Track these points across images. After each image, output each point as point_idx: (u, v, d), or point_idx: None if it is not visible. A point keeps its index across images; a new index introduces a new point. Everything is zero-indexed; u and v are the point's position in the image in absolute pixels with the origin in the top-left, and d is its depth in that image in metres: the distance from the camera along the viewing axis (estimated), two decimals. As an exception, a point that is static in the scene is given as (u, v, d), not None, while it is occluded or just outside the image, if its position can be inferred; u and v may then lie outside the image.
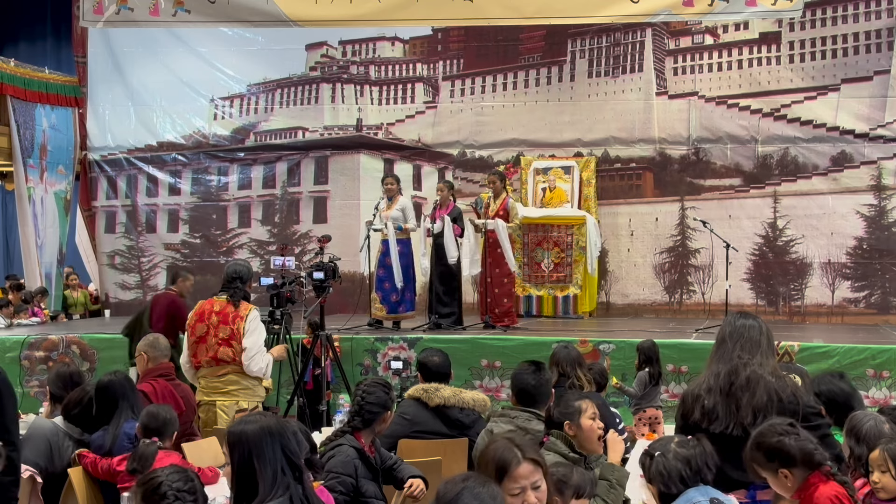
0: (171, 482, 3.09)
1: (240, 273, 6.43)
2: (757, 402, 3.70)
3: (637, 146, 12.14)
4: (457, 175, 12.46)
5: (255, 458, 3.15)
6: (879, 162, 11.45)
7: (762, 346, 3.87)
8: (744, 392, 3.75)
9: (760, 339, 3.88)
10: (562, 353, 5.55)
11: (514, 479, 2.90)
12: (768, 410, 3.66)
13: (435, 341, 8.59)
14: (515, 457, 2.93)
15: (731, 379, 3.81)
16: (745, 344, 3.88)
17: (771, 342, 3.92)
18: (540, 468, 2.98)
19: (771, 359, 3.86)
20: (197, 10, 12.62)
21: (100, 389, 5.04)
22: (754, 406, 3.70)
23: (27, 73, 12.20)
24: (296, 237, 12.92)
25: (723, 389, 3.81)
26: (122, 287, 13.19)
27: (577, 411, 4.16)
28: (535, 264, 11.35)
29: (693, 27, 12.03)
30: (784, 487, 3.34)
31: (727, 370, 3.85)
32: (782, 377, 3.79)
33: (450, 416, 5.33)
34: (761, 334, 3.89)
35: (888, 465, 3.49)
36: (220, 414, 6.32)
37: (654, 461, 3.31)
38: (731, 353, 3.89)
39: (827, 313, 11.55)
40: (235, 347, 6.30)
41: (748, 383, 3.76)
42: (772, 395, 3.70)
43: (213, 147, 13.18)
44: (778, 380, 3.75)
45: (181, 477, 3.12)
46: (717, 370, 3.88)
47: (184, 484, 3.10)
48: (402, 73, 12.96)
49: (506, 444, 3.00)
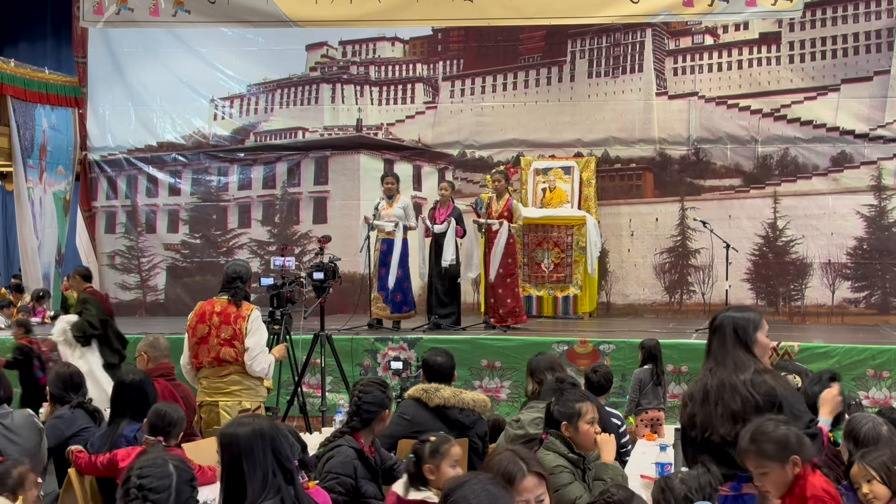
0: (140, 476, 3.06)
1: (239, 273, 6.39)
2: (734, 409, 3.71)
3: (637, 146, 12.14)
4: (457, 175, 12.46)
5: (244, 460, 3.14)
6: (879, 162, 11.45)
7: (731, 344, 3.84)
8: (717, 401, 3.76)
9: (728, 339, 3.86)
10: (534, 362, 5.56)
11: (519, 493, 2.90)
12: (746, 413, 3.67)
13: (435, 341, 8.59)
14: (521, 470, 2.93)
15: (706, 388, 3.83)
16: (718, 347, 3.89)
17: (744, 336, 3.85)
18: (544, 482, 2.98)
19: (744, 354, 3.81)
20: (197, 10, 12.62)
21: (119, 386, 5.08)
22: (732, 412, 3.71)
23: (27, 73, 12.19)
24: (296, 237, 12.92)
25: (696, 397, 3.86)
26: (122, 287, 13.19)
27: (576, 414, 4.16)
28: (535, 264, 11.35)
29: (693, 27, 12.03)
30: (778, 483, 3.36)
31: (700, 383, 3.89)
32: (760, 372, 3.76)
33: (450, 417, 5.32)
34: (733, 331, 3.86)
35: (872, 474, 3.51)
36: (222, 414, 6.32)
37: (658, 485, 3.39)
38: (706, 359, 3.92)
39: (827, 313, 11.55)
40: (238, 348, 6.27)
41: (719, 392, 3.77)
42: (746, 398, 3.70)
43: (213, 147, 13.18)
44: (755, 375, 3.74)
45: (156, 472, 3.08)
46: (699, 377, 3.93)
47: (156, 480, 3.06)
48: (402, 74, 12.96)
49: (511, 456, 3.00)
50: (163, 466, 3.11)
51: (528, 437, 4.69)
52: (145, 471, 3.07)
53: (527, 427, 4.74)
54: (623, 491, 3.28)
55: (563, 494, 3.92)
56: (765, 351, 3.92)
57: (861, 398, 7.88)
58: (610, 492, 3.24)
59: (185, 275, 13.10)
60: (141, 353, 6.14)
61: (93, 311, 8.59)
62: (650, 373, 6.97)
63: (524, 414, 4.93)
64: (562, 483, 3.95)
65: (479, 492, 2.47)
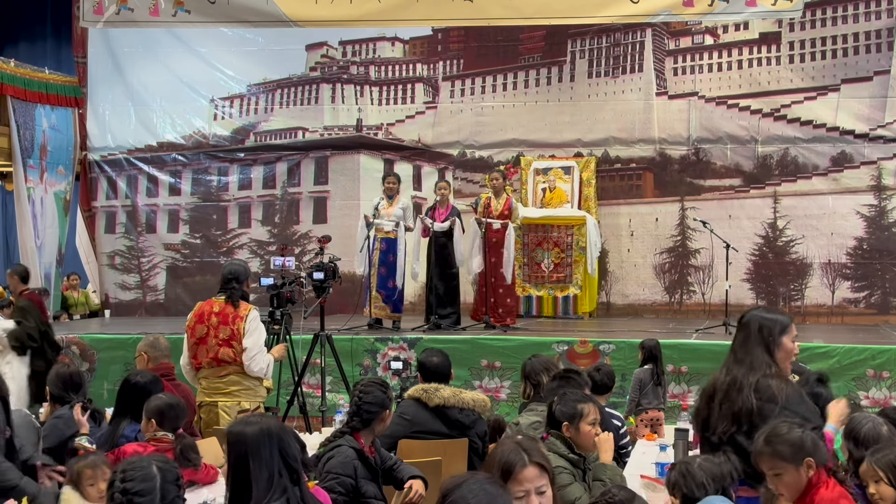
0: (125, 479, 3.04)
1: (236, 273, 6.40)
2: (734, 410, 3.71)
3: (637, 146, 12.14)
4: (457, 175, 12.46)
5: (251, 459, 3.14)
6: (879, 162, 11.45)
7: (754, 343, 3.84)
8: (723, 400, 3.77)
9: (751, 338, 3.86)
10: (528, 365, 5.54)
11: (519, 482, 2.87)
12: (742, 415, 3.68)
13: (435, 341, 8.59)
14: (521, 459, 2.90)
15: (716, 387, 3.84)
16: (740, 345, 3.88)
17: (768, 336, 3.85)
18: (546, 474, 2.94)
19: (764, 355, 3.81)
20: (197, 10, 12.61)
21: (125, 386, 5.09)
22: (732, 412, 3.72)
23: (27, 73, 12.18)
24: (296, 237, 12.92)
25: (705, 393, 3.87)
26: (122, 287, 13.18)
27: (578, 414, 4.17)
28: (535, 264, 11.35)
29: (693, 27, 12.03)
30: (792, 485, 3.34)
31: (713, 379, 3.89)
32: (769, 376, 3.75)
33: (449, 417, 5.33)
34: (758, 330, 3.86)
35: (879, 474, 3.50)
36: (222, 415, 6.33)
37: (678, 469, 3.38)
38: (728, 355, 3.91)
39: (827, 313, 11.55)
40: (236, 348, 6.28)
41: (727, 392, 3.77)
42: (746, 400, 3.70)
43: (213, 147, 13.18)
44: (763, 378, 3.73)
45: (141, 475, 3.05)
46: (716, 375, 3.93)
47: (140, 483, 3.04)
48: (402, 74, 12.95)
49: (513, 446, 2.98)
50: (147, 468, 3.08)
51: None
52: (129, 474, 3.05)
53: (524, 431, 4.74)
54: (624, 492, 3.28)
55: (564, 495, 3.92)
56: (787, 356, 3.88)
57: (861, 398, 7.90)
58: (611, 492, 3.24)
59: (185, 275, 13.10)
60: (141, 353, 6.15)
61: (32, 322, 8.62)
62: (650, 373, 6.97)
63: (523, 418, 4.94)
64: (562, 484, 3.95)
65: (478, 491, 2.46)
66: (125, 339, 9.28)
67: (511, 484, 2.86)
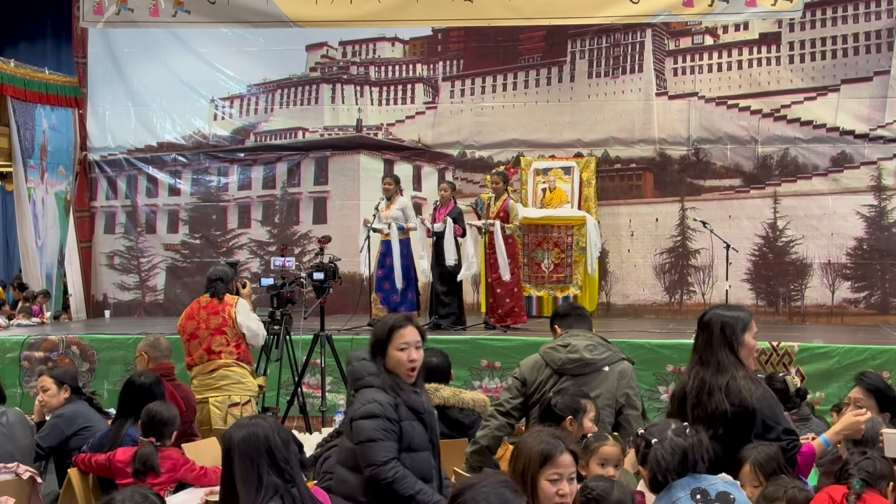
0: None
1: (220, 275, 6.77)
2: (707, 413, 3.72)
3: (637, 146, 12.14)
4: (457, 175, 12.46)
5: (238, 462, 3.16)
6: (879, 162, 11.45)
7: (717, 344, 3.82)
8: (695, 404, 3.78)
9: (714, 338, 3.84)
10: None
11: (557, 466, 3.04)
12: (716, 419, 3.70)
13: (435, 341, 8.55)
14: (559, 446, 3.08)
15: (686, 391, 3.85)
16: (704, 346, 3.87)
17: (731, 335, 3.81)
18: (576, 463, 3.13)
19: (728, 355, 3.79)
20: (197, 10, 12.60)
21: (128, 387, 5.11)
22: (707, 415, 3.72)
23: (27, 73, 12.18)
24: (296, 238, 12.92)
25: (675, 398, 3.91)
26: (121, 288, 13.18)
27: (582, 409, 4.23)
28: (535, 265, 11.35)
29: (693, 28, 12.03)
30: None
31: (681, 383, 3.92)
32: (738, 378, 3.73)
33: (449, 417, 5.33)
34: (720, 329, 3.84)
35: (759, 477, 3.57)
36: (213, 411, 6.47)
37: (652, 449, 3.29)
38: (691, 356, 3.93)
39: (827, 314, 11.55)
40: (228, 333, 6.58)
41: (698, 396, 3.77)
42: (719, 404, 3.70)
43: (213, 147, 13.18)
44: (732, 381, 3.72)
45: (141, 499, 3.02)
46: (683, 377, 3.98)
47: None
48: (402, 74, 12.96)
49: (549, 433, 3.15)
50: (144, 495, 3.04)
51: (583, 361, 4.69)
52: (136, 497, 3.02)
53: (582, 352, 4.73)
54: (602, 482, 3.28)
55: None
56: (750, 353, 3.87)
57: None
58: (588, 486, 3.24)
59: (185, 275, 13.09)
60: (141, 354, 6.16)
61: None
62: None
63: (577, 340, 4.82)
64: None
65: (490, 494, 2.47)
66: (125, 339, 9.28)
67: (548, 467, 3.03)
